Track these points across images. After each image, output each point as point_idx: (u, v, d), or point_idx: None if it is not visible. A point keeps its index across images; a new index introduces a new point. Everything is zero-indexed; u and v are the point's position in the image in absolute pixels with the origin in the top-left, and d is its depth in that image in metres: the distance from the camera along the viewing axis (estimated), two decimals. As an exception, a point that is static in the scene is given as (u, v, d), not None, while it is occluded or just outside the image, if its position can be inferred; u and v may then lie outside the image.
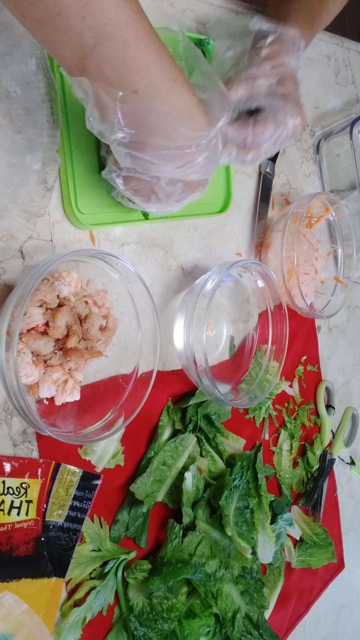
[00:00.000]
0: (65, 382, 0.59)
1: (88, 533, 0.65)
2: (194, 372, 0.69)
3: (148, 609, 0.68)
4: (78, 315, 0.59)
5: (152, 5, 0.71)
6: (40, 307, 0.57)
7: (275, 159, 0.86)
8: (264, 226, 0.85)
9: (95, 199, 0.64)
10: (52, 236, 0.63)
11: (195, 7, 0.76)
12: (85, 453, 0.65)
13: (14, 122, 0.57)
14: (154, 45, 0.44)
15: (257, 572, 0.79)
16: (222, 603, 0.74)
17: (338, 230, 0.95)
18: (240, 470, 0.77)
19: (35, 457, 0.61)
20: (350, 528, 1.08)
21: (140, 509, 0.69)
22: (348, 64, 1.02)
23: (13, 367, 0.51)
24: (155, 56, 0.44)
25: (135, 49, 0.42)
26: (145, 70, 0.43)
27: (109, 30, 0.41)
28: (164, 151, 0.47)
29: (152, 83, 0.44)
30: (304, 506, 0.94)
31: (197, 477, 0.73)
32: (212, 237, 0.79)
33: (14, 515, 0.59)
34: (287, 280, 0.82)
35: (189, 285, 0.75)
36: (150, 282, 0.72)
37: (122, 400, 0.64)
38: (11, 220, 0.57)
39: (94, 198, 0.64)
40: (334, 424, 1.01)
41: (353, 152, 0.88)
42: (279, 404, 0.91)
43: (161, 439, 0.72)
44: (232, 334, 0.82)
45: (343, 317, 1.03)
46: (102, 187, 0.64)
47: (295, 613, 0.94)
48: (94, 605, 0.65)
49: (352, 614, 1.11)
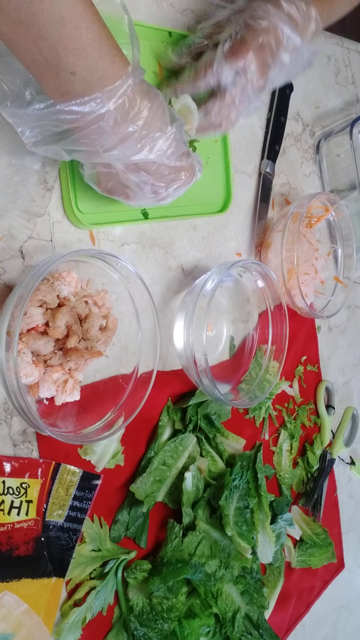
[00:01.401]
0: (65, 382, 0.59)
1: (88, 533, 0.65)
2: (194, 372, 0.69)
3: (148, 609, 0.68)
4: (78, 315, 0.59)
5: (152, 5, 0.71)
6: (40, 307, 0.57)
7: (275, 159, 0.86)
8: (264, 226, 0.85)
9: (95, 198, 0.64)
10: (52, 236, 0.63)
11: (195, 7, 0.76)
12: (85, 453, 0.65)
13: (14, 122, 0.57)
14: (93, 26, 0.43)
15: (257, 572, 0.79)
16: (222, 603, 0.74)
17: (338, 230, 0.95)
18: (240, 470, 0.77)
19: (35, 457, 0.61)
20: (350, 528, 1.08)
21: (140, 509, 0.69)
22: (348, 64, 1.02)
23: (13, 367, 0.51)
24: (94, 37, 0.43)
25: (73, 28, 0.42)
26: (83, 51, 0.43)
27: (45, 7, 0.40)
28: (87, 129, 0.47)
29: (89, 65, 0.43)
30: (304, 506, 0.94)
31: (197, 477, 0.73)
32: (212, 237, 0.79)
33: (14, 515, 0.59)
34: (287, 280, 0.82)
35: (189, 285, 0.75)
36: (150, 282, 0.72)
37: (122, 400, 0.64)
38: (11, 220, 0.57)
39: (94, 198, 0.64)
40: (334, 424, 1.01)
41: (353, 152, 0.88)
42: (279, 404, 0.91)
43: (161, 439, 0.72)
44: (232, 334, 0.82)
45: (343, 317, 1.03)
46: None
47: (295, 613, 0.94)
48: (94, 605, 0.65)
49: (352, 614, 1.11)
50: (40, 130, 0.49)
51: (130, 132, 0.48)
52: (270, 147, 0.85)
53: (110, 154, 0.49)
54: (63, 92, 0.45)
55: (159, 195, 0.57)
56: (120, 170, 0.52)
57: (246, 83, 0.63)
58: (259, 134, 0.86)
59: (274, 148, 0.86)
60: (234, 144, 0.81)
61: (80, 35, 0.42)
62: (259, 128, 0.86)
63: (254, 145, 0.85)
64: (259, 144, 0.86)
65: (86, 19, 0.42)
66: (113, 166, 0.52)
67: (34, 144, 0.51)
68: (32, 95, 0.49)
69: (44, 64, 0.43)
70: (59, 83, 0.44)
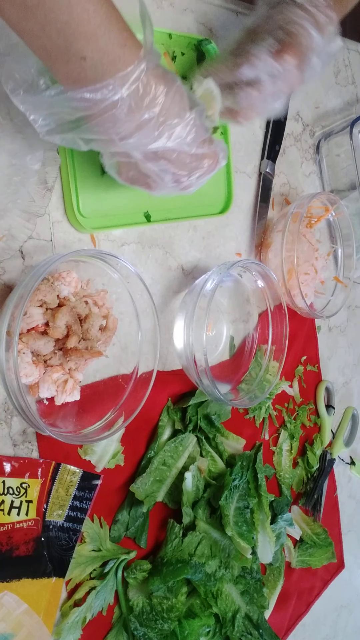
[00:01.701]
0: (65, 382, 0.59)
1: (88, 533, 0.65)
2: (194, 372, 0.69)
3: (148, 609, 0.68)
4: (78, 315, 0.59)
5: (152, 5, 0.71)
6: (40, 307, 0.57)
7: (275, 159, 0.86)
8: (264, 226, 0.85)
9: (98, 202, 0.64)
10: (52, 236, 0.63)
11: (195, 7, 0.76)
12: (85, 453, 0.65)
13: (14, 122, 0.57)
14: (102, 8, 0.41)
15: (257, 572, 0.79)
16: (222, 603, 0.74)
17: (338, 230, 0.95)
18: (240, 470, 0.77)
19: (35, 457, 0.61)
20: (350, 528, 1.08)
21: (140, 509, 0.69)
22: (348, 64, 1.02)
23: (13, 367, 0.51)
24: (103, 19, 0.42)
25: (81, 11, 0.40)
26: (92, 35, 0.41)
27: None
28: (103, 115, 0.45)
29: (100, 49, 0.42)
30: (304, 506, 0.94)
31: (197, 477, 0.73)
32: (212, 237, 0.79)
33: (14, 515, 0.59)
34: (287, 280, 0.82)
35: (189, 285, 0.75)
36: (150, 282, 0.72)
37: (122, 400, 0.64)
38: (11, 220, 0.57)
39: (96, 201, 0.64)
40: (334, 424, 1.01)
41: (353, 152, 0.88)
42: (279, 404, 0.91)
43: (161, 439, 0.72)
44: (232, 334, 0.82)
45: (343, 317, 1.03)
46: (104, 190, 0.64)
47: (295, 613, 0.94)
48: (94, 605, 0.65)
49: (352, 614, 1.11)
50: (53, 118, 0.48)
51: (146, 120, 0.46)
52: (270, 147, 0.85)
53: (127, 142, 0.48)
54: (75, 79, 0.44)
55: (181, 184, 0.55)
56: (139, 160, 0.51)
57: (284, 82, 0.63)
58: (259, 134, 0.86)
59: (274, 148, 0.86)
60: (234, 144, 0.81)
61: (88, 18, 0.41)
62: (259, 128, 0.86)
63: (254, 145, 0.85)
64: (259, 144, 0.86)
65: (94, 1, 0.41)
66: (132, 156, 0.50)
67: (47, 132, 0.49)
68: (47, 84, 0.48)
69: (54, 50, 0.42)
70: (70, 69, 0.43)
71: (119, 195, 0.66)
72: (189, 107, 0.49)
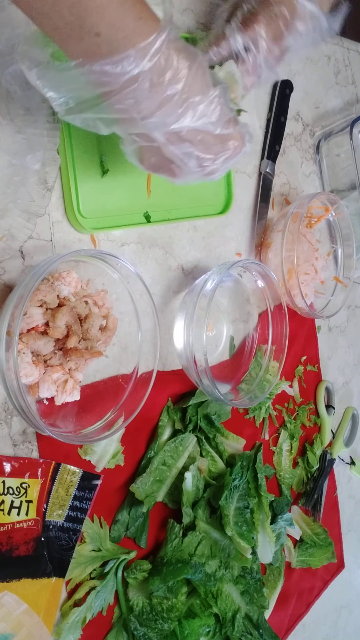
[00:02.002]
0: (65, 382, 0.59)
1: (88, 533, 0.65)
2: (194, 372, 0.69)
3: (148, 609, 0.68)
4: (78, 315, 0.59)
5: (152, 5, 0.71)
6: (40, 307, 0.57)
7: (275, 159, 0.86)
8: (264, 226, 0.85)
9: (98, 202, 0.64)
10: (52, 236, 0.63)
11: (195, 7, 0.76)
12: (85, 453, 0.65)
13: (14, 122, 0.57)
14: None
15: (257, 572, 0.79)
16: (222, 603, 0.74)
17: (338, 230, 0.95)
18: (240, 470, 0.77)
19: (35, 457, 0.61)
20: (350, 528, 1.08)
21: (140, 509, 0.69)
22: (348, 64, 1.02)
23: (13, 367, 0.51)
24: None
25: None
26: (105, 8, 0.39)
27: None
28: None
29: (114, 23, 0.40)
30: (304, 506, 0.94)
31: (197, 477, 0.73)
32: (212, 237, 0.79)
33: (14, 515, 0.59)
34: (287, 280, 0.82)
35: (189, 285, 0.75)
36: (150, 282, 0.72)
37: (122, 400, 0.64)
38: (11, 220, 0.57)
39: (96, 201, 0.64)
40: (334, 424, 1.01)
41: (353, 152, 0.88)
42: (279, 404, 0.91)
43: (161, 439, 0.72)
44: (232, 334, 0.82)
45: (343, 317, 1.03)
46: (104, 190, 0.64)
47: (295, 613, 0.94)
48: (94, 605, 0.65)
49: (352, 614, 1.11)
50: (71, 95, 0.46)
51: (169, 96, 0.44)
52: (270, 147, 0.85)
53: (149, 121, 0.45)
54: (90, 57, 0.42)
55: (206, 169, 0.52)
56: (162, 143, 0.48)
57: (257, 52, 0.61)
58: (259, 134, 0.86)
59: (274, 148, 0.86)
60: (234, 144, 0.81)
61: None
62: (259, 128, 0.86)
63: (254, 145, 0.85)
64: (259, 144, 0.86)
65: None
66: (154, 139, 0.48)
67: (66, 111, 0.47)
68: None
69: (66, 29, 0.41)
70: (85, 48, 0.41)
71: (119, 196, 0.66)
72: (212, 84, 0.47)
